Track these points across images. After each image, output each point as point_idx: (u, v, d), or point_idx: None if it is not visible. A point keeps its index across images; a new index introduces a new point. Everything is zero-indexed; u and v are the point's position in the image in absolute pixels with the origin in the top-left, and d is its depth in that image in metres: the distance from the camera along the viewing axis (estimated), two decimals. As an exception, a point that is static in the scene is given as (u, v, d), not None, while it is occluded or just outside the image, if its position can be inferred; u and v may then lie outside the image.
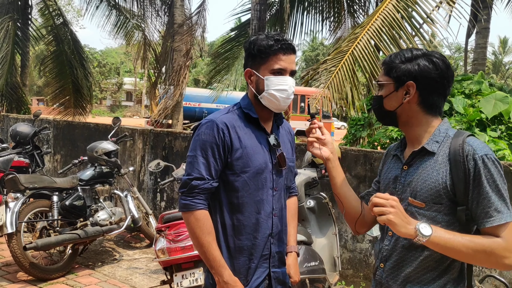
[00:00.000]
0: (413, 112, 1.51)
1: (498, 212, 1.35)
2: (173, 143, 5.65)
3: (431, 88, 1.49)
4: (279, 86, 1.78)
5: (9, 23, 10.43)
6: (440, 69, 1.48)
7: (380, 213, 1.35)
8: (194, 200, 1.74)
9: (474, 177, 1.37)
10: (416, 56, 1.50)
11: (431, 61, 1.48)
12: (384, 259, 1.55)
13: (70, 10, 32.46)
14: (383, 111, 1.57)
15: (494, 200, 1.36)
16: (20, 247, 3.92)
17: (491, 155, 1.39)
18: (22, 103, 11.18)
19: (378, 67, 5.54)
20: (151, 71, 12.61)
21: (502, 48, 47.28)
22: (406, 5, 5.71)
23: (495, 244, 1.33)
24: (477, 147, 1.39)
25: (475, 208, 1.38)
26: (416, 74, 1.48)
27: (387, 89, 1.54)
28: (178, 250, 3.23)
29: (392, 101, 1.53)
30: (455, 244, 1.33)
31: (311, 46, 43.43)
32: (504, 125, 5.07)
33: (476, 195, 1.37)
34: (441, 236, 1.34)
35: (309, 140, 1.69)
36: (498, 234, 1.35)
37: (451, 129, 1.51)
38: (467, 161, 1.38)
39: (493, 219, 1.35)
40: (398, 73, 1.50)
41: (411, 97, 1.49)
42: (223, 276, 1.73)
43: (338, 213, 4.19)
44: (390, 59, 1.55)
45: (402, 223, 1.33)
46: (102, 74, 44.94)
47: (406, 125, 1.55)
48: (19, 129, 5.82)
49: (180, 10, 9.81)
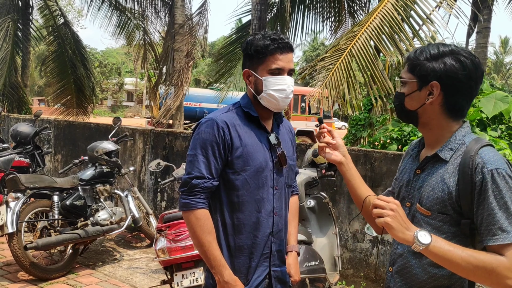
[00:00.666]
0: (434, 114, 1.42)
1: (503, 231, 1.26)
2: (174, 143, 5.65)
3: (456, 89, 1.38)
4: (278, 86, 1.77)
5: (10, 23, 10.44)
6: (467, 70, 1.36)
7: (379, 215, 1.30)
8: (194, 199, 1.74)
9: (480, 192, 1.29)
10: (442, 54, 1.39)
11: (458, 60, 1.37)
12: (392, 262, 1.52)
13: (71, 10, 32.52)
14: (404, 109, 1.48)
15: (500, 218, 1.26)
16: (20, 246, 3.93)
17: (503, 170, 1.29)
18: (23, 103, 11.19)
19: (376, 65, 5.53)
20: (151, 72, 12.60)
21: (503, 48, 47.24)
22: (405, 4, 5.70)
23: (497, 262, 1.25)
24: (488, 160, 1.30)
25: (479, 224, 1.30)
26: (441, 74, 1.37)
27: (409, 87, 1.45)
28: (178, 249, 3.24)
29: (414, 100, 1.44)
30: (454, 257, 1.26)
31: (312, 46, 43.41)
32: (504, 125, 5.07)
33: (481, 211, 1.29)
34: (441, 247, 1.27)
35: (320, 146, 1.66)
36: (502, 253, 1.26)
37: (469, 135, 1.42)
38: (475, 174, 1.30)
39: (496, 238, 1.26)
40: (423, 71, 1.40)
41: (434, 98, 1.40)
42: (223, 276, 1.73)
43: (339, 213, 4.19)
44: (414, 55, 1.45)
45: (400, 228, 1.28)
46: (103, 74, 44.96)
47: (425, 127, 1.47)
48: (20, 129, 5.83)
49: (180, 10, 9.81)
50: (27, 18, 11.60)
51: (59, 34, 11.19)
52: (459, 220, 1.35)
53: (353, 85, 5.48)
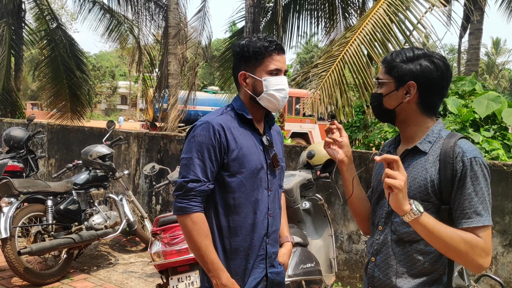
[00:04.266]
0: (411, 112, 1.53)
1: (477, 214, 1.37)
2: (168, 146, 5.64)
3: (431, 88, 1.50)
4: (277, 86, 1.82)
5: (4, 28, 10.39)
6: (440, 70, 1.49)
7: (393, 177, 1.32)
8: (190, 203, 1.73)
9: (460, 178, 1.40)
10: (417, 56, 1.51)
11: (432, 62, 1.49)
12: (375, 253, 1.57)
13: (64, 14, 32.41)
14: (382, 109, 1.58)
15: (475, 203, 1.38)
16: (14, 252, 3.90)
17: (480, 159, 1.41)
18: (16, 108, 11.12)
19: (368, 72, 5.57)
20: (146, 75, 12.56)
21: (494, 49, 47.59)
22: (397, 10, 5.73)
23: (476, 240, 1.35)
24: (467, 150, 1.42)
25: (456, 208, 1.41)
26: (417, 74, 1.49)
27: (387, 88, 1.55)
28: (173, 253, 3.22)
29: (392, 99, 1.54)
30: (440, 231, 1.34)
31: (306, 49, 43.53)
32: (497, 125, 5.10)
33: (459, 196, 1.40)
34: (429, 220, 1.34)
35: (326, 140, 1.69)
36: (476, 235, 1.37)
37: (444, 130, 1.54)
38: (456, 162, 1.41)
39: (471, 221, 1.37)
40: (400, 72, 1.51)
41: (411, 96, 1.51)
42: (221, 279, 1.72)
43: (334, 215, 4.19)
44: (391, 58, 1.55)
45: (404, 195, 1.33)
46: (97, 78, 44.81)
47: (403, 124, 1.57)
48: (13, 133, 5.79)
49: (174, 13, 9.81)
50: (20, 21, 11.54)
51: (53, 38, 11.13)
52: (439, 207, 1.44)
53: (345, 92, 5.51)
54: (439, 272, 1.48)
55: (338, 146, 1.67)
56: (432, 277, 1.47)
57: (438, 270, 1.47)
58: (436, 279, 1.47)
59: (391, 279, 1.50)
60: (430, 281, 1.47)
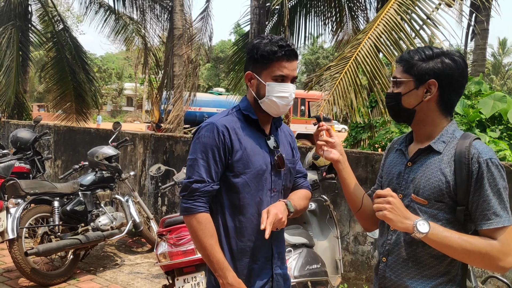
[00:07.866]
0: (429, 111, 1.51)
1: (496, 215, 1.37)
2: (174, 147, 5.65)
3: (452, 87, 1.48)
4: (280, 93, 1.78)
5: (12, 30, 10.46)
6: (461, 68, 1.47)
7: (378, 209, 1.39)
8: (195, 203, 1.74)
9: (477, 180, 1.39)
10: (437, 54, 1.48)
11: (453, 59, 1.47)
12: (386, 253, 1.56)
13: (70, 16, 32.60)
14: (400, 108, 1.55)
15: (494, 204, 1.37)
16: (21, 252, 3.92)
17: (496, 160, 1.41)
18: (23, 109, 11.20)
19: (381, 72, 5.56)
20: (152, 77, 12.60)
21: (501, 50, 47.30)
22: (407, 9, 5.73)
23: (490, 246, 1.36)
24: (482, 151, 1.41)
25: (474, 209, 1.40)
26: (439, 72, 1.46)
27: (406, 87, 1.52)
28: (179, 254, 3.23)
29: (411, 99, 1.51)
30: (451, 243, 1.36)
31: (311, 50, 43.47)
32: (503, 125, 5.07)
33: (476, 197, 1.39)
34: (438, 233, 1.36)
35: (318, 144, 1.69)
36: (495, 237, 1.37)
37: (458, 131, 1.52)
38: (472, 164, 1.40)
39: (490, 222, 1.37)
40: (420, 71, 1.48)
41: (432, 95, 1.48)
42: (227, 278, 1.72)
43: (340, 216, 4.18)
44: (409, 56, 1.52)
45: (399, 218, 1.37)
46: (103, 80, 45.03)
47: (419, 124, 1.54)
48: (20, 135, 5.83)
49: (179, 15, 9.84)
50: (27, 24, 11.62)
51: (58, 40, 11.21)
52: (454, 207, 1.43)
53: (360, 92, 5.52)
54: (452, 274, 1.46)
55: (331, 146, 1.67)
56: (445, 278, 1.46)
57: (451, 272, 1.46)
58: (449, 280, 1.46)
59: (403, 280, 1.49)
60: (443, 282, 1.46)
